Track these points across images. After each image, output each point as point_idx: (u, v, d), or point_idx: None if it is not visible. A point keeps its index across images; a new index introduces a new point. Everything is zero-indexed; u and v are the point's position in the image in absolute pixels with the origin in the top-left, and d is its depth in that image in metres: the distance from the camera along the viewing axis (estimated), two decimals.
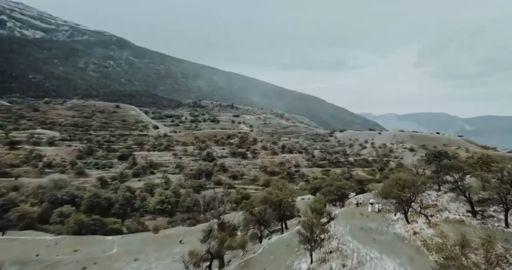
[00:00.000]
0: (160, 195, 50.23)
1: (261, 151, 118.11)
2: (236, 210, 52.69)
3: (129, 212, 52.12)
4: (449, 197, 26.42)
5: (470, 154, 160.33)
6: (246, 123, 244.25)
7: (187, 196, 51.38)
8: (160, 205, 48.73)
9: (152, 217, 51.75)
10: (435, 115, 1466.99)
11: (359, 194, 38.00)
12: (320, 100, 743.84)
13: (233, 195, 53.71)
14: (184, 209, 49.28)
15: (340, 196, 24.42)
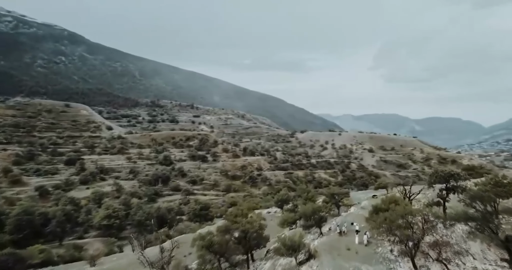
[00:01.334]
0: (107, 208, 44.15)
1: (222, 154, 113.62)
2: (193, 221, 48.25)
3: (72, 228, 45.56)
4: (464, 231, 19.97)
5: (425, 154, 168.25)
6: (207, 123, 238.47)
7: (138, 209, 45.89)
8: (106, 220, 42.84)
9: (97, 233, 45.54)
10: (388, 116, 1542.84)
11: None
12: (281, 101, 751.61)
13: (191, 205, 48.89)
14: (135, 223, 43.89)
15: (318, 221, 20.69)
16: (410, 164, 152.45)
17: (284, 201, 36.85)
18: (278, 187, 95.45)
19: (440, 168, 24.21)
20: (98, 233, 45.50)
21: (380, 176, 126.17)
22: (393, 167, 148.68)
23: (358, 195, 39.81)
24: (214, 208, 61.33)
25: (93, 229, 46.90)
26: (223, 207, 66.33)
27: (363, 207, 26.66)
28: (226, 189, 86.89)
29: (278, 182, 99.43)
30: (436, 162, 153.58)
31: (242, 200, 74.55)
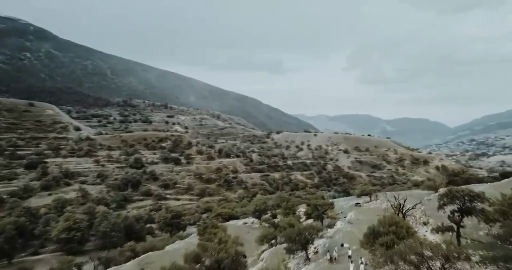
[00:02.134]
0: (67, 219, 39.84)
1: (197, 156, 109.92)
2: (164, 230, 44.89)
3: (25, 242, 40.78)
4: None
5: (398, 155, 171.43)
6: (181, 124, 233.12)
7: (103, 218, 41.99)
8: (66, 233, 38.55)
9: (56, 247, 41.02)
10: (361, 117, 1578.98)
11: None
12: (257, 101, 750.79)
13: (161, 214, 45.45)
14: (100, 235, 40.05)
15: (304, 244, 18.14)
16: (385, 164, 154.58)
17: (261, 211, 34.35)
18: (254, 190, 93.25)
19: (456, 188, 20.15)
20: (56, 247, 40.84)
21: (355, 177, 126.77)
22: (368, 167, 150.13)
23: (339, 203, 38.01)
24: (187, 215, 58.04)
25: (51, 243, 42.34)
26: (197, 213, 63.14)
27: (350, 221, 24.71)
28: (200, 193, 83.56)
29: (254, 185, 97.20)
30: (409, 162, 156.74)
31: (217, 205, 71.63)
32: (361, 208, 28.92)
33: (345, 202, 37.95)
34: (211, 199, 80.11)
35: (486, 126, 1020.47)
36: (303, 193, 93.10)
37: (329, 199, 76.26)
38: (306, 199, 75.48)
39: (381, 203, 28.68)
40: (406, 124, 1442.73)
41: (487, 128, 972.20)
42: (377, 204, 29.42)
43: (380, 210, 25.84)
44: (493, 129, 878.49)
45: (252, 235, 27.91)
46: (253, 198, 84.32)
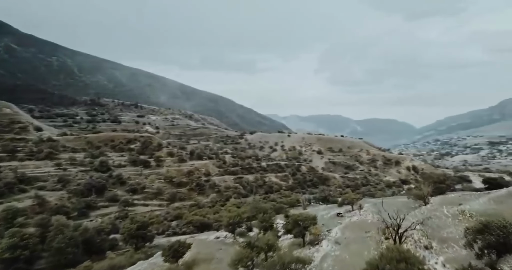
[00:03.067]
0: (12, 236, 34.65)
1: (167, 158, 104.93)
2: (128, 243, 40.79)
3: None
4: None
5: (371, 156, 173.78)
6: (152, 124, 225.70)
7: (58, 232, 37.35)
8: (9, 252, 33.39)
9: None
10: (332, 117, 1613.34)
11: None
12: (230, 101, 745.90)
13: (126, 225, 41.34)
14: (53, 251, 35.54)
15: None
16: (358, 165, 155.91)
17: (235, 224, 31.39)
18: (227, 194, 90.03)
19: (489, 220, 16.07)
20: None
21: (330, 179, 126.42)
22: (342, 168, 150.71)
23: (319, 212, 35.64)
24: (156, 223, 53.95)
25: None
26: (166, 221, 59.12)
27: (337, 240, 22.21)
28: (170, 198, 79.17)
29: (228, 188, 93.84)
30: (381, 163, 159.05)
31: (189, 210, 67.84)
32: (346, 221, 26.65)
33: (325, 212, 35.67)
34: (182, 204, 76.03)
35: (449, 126, 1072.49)
36: (277, 196, 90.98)
37: (304, 203, 74.46)
38: (282, 203, 73.42)
39: (366, 215, 26.53)
40: (375, 125, 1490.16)
41: (450, 128, 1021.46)
42: (361, 215, 27.24)
43: (367, 224, 23.69)
44: (455, 129, 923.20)
45: (226, 253, 24.95)
46: (226, 203, 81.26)
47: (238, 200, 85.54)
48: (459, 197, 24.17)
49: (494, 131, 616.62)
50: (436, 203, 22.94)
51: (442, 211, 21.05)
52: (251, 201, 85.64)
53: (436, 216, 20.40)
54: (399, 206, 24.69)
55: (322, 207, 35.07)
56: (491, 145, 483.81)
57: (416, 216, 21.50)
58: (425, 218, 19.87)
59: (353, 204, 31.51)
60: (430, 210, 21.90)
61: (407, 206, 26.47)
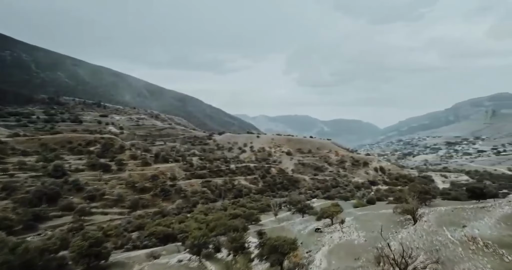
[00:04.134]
0: None
1: (130, 161, 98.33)
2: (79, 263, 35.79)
3: None
4: None
5: (339, 157, 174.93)
6: (116, 124, 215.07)
7: None
8: None
9: None
10: (300, 118, 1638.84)
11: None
12: (198, 101, 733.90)
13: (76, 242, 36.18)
14: None
15: None
16: (327, 166, 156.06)
17: (201, 245, 27.65)
18: (194, 199, 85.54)
19: None
20: None
21: (300, 181, 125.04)
22: (311, 170, 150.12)
23: (296, 227, 32.62)
24: (114, 235, 48.84)
25: None
26: (126, 232, 53.97)
27: None
28: (132, 205, 73.48)
29: (195, 192, 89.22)
30: (350, 164, 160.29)
31: (152, 219, 62.86)
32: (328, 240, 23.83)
33: (302, 226, 32.64)
34: (145, 212, 70.63)
35: (410, 127, 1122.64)
36: (247, 200, 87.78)
37: (275, 207, 71.70)
38: (252, 208, 70.29)
39: (350, 232, 23.84)
40: (341, 125, 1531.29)
41: (411, 129, 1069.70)
42: (344, 233, 24.52)
43: (354, 247, 20.90)
44: (416, 130, 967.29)
45: None
46: (193, 209, 76.89)
47: (206, 205, 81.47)
48: (453, 212, 21.95)
49: (451, 132, 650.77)
50: (432, 222, 20.45)
51: (445, 235, 18.29)
52: (220, 206, 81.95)
53: (441, 243, 17.62)
54: (384, 221, 22.26)
55: (298, 220, 32.16)
56: (448, 145, 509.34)
57: (414, 240, 18.92)
58: (433, 250, 17.14)
59: (333, 218, 28.96)
60: (429, 233, 19.23)
61: (393, 221, 24.07)
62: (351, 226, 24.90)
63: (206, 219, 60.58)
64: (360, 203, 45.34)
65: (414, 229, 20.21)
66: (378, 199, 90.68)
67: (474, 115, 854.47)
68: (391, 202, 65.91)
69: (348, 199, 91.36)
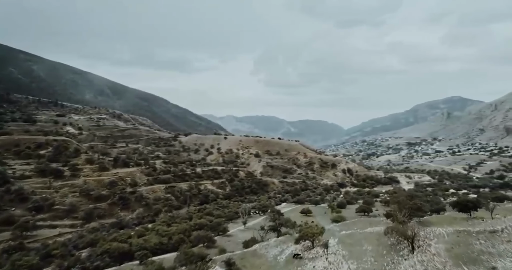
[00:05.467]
0: None
1: (85, 166, 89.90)
2: None
3: None
4: None
5: (308, 159, 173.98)
6: (74, 124, 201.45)
7: None
8: None
9: None
10: (267, 118, 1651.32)
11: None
12: (164, 101, 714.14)
13: None
14: None
15: None
16: (295, 168, 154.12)
17: None
18: (157, 207, 79.39)
19: None
20: None
21: (269, 184, 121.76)
22: (280, 172, 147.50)
23: (271, 251, 28.38)
24: (60, 256, 42.36)
25: None
26: (76, 249, 47.40)
27: None
28: (86, 215, 66.20)
29: (157, 200, 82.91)
30: (318, 166, 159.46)
31: (107, 232, 56.39)
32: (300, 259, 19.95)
33: (278, 249, 28.26)
34: (100, 224, 63.74)
35: (373, 128, 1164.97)
36: (214, 207, 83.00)
37: (244, 215, 67.55)
38: (219, 216, 65.72)
39: (338, 262, 20.14)
40: (307, 125, 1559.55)
41: (374, 130, 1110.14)
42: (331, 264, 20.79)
43: None
44: (379, 131, 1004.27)
45: None
46: (155, 218, 70.96)
47: (169, 214, 75.65)
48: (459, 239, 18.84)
49: (411, 133, 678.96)
50: (443, 256, 17.18)
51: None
52: (184, 214, 76.48)
53: None
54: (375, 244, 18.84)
55: (273, 241, 28.04)
56: (409, 145, 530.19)
57: None
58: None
59: (313, 239, 25.41)
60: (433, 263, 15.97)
61: (384, 245, 20.71)
62: (337, 253, 21.31)
63: (168, 231, 55.39)
64: (339, 216, 42.13)
65: (420, 264, 16.83)
66: (348, 203, 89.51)
67: (431, 116, 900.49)
68: (366, 214, 63.60)
69: (319, 203, 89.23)
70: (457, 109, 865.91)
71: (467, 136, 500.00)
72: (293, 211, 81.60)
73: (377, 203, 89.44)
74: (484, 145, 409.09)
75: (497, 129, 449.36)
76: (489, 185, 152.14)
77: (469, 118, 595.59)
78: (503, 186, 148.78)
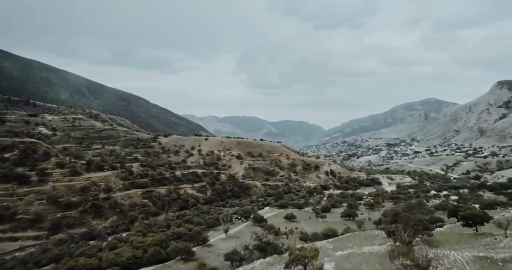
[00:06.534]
0: None
1: (55, 171, 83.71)
2: None
3: None
4: None
5: (290, 161, 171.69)
6: (47, 125, 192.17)
7: None
8: None
9: None
10: (248, 118, 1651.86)
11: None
12: (144, 100, 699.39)
13: None
14: None
15: None
16: (278, 170, 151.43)
17: None
18: (132, 214, 74.54)
19: None
20: None
21: (251, 187, 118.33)
22: (262, 174, 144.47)
23: None
24: None
25: None
26: (37, 268, 42.49)
27: None
28: (53, 226, 60.73)
29: (133, 206, 77.95)
30: (301, 168, 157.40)
31: (75, 245, 51.48)
32: None
33: None
34: (68, 235, 58.50)
35: (353, 129, 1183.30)
36: (194, 213, 78.90)
37: (226, 222, 63.95)
38: (199, 224, 61.85)
39: None
40: (289, 126, 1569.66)
41: (354, 130, 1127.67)
42: None
43: None
44: (359, 132, 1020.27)
45: None
46: (130, 227, 66.39)
47: (146, 221, 71.01)
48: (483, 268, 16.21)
49: (390, 134, 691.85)
50: None
51: None
52: (162, 221, 72.10)
53: None
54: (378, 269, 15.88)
55: (258, 263, 24.64)
56: (388, 146, 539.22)
57: None
58: None
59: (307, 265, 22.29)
60: None
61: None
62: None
63: (144, 242, 51.06)
64: (330, 230, 39.09)
65: None
66: (333, 206, 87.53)
67: (409, 118, 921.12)
68: (352, 218, 60.95)
69: (302, 207, 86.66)
70: (433, 110, 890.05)
71: (443, 137, 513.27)
72: (276, 216, 78.67)
73: (361, 206, 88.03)
74: (459, 146, 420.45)
75: (472, 130, 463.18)
76: (467, 186, 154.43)
77: (445, 120, 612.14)
78: (480, 187, 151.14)
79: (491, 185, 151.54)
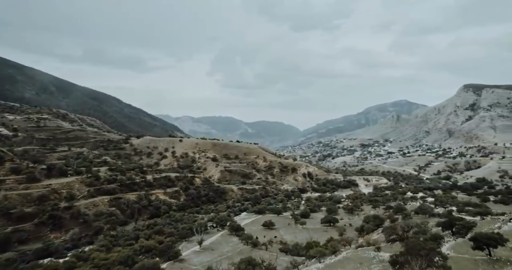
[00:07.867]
0: None
1: (9, 178, 75.62)
2: None
3: None
4: None
5: (267, 163, 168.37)
6: (8, 125, 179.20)
7: None
8: None
9: None
10: (224, 119, 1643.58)
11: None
12: (116, 100, 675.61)
13: None
14: None
15: None
16: (255, 173, 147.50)
17: None
18: (98, 225, 68.12)
19: None
20: None
21: (227, 192, 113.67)
22: (238, 177, 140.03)
23: None
24: None
25: None
26: None
27: None
28: (1, 242, 53.90)
29: (99, 215, 71.33)
30: (278, 170, 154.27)
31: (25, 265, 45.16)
32: None
33: None
34: (18, 253, 51.51)
35: (327, 129, 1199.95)
36: (166, 222, 73.50)
37: (200, 232, 59.24)
38: (171, 234, 56.82)
39: None
40: (264, 127, 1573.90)
41: (328, 131, 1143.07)
42: None
43: None
44: (333, 132, 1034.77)
45: None
46: (94, 240, 60.35)
47: (112, 232, 65.02)
48: None
49: (364, 134, 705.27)
50: None
51: None
52: (131, 232, 66.36)
53: None
54: None
55: None
56: (362, 147, 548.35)
57: None
58: None
59: None
60: None
61: None
62: None
63: (107, 259, 45.54)
64: (318, 251, 35.17)
65: None
66: (312, 211, 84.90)
67: (382, 119, 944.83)
68: (332, 224, 57.57)
69: (281, 213, 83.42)
70: (405, 112, 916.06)
71: (415, 138, 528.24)
72: (254, 223, 74.92)
73: (340, 210, 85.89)
74: (430, 147, 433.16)
75: (441, 132, 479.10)
76: (439, 187, 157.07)
77: (416, 121, 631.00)
78: (452, 187, 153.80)
79: (462, 186, 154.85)
